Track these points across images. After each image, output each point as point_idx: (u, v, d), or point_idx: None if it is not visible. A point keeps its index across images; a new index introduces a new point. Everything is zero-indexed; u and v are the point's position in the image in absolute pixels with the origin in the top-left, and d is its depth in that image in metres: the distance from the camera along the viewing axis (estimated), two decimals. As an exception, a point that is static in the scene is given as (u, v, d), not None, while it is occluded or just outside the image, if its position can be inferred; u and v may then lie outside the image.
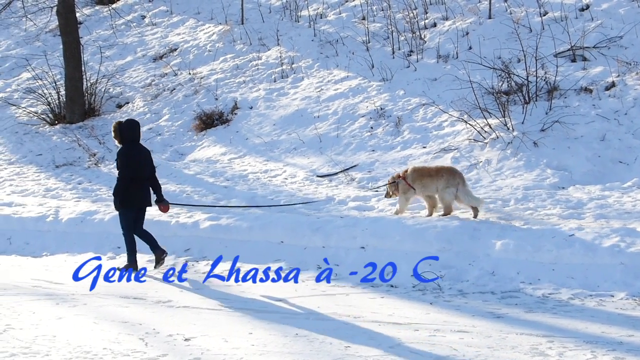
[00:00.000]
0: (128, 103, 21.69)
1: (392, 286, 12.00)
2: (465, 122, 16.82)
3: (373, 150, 17.25)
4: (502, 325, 9.73)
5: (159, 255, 13.56)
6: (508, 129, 16.43)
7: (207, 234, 14.41)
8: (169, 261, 13.71)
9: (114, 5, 27.14)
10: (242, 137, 18.91)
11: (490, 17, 20.26)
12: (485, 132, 16.49)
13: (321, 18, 22.81)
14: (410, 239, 12.95)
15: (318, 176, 16.73)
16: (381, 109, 18.25)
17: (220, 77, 21.34)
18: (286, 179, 16.83)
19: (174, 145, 19.26)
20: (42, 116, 22.00)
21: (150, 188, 13.91)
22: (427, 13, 21.32)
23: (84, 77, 21.86)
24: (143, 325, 9.98)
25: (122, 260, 13.95)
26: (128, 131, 13.69)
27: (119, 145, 13.90)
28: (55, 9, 22.35)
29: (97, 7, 28.03)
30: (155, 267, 13.55)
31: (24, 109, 22.63)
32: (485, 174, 15.48)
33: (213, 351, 8.84)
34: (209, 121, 19.61)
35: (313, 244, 13.59)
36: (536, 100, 17.08)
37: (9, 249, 15.41)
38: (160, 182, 13.98)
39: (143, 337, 9.44)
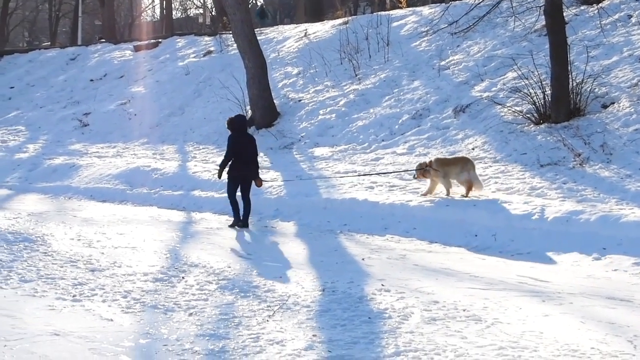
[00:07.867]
0: (613, 103, 21.36)
1: None
2: None
3: None
4: None
5: (236, 223, 18.30)
6: None
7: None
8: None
9: (600, 5, 26.90)
10: None
11: None
12: None
13: None
14: None
15: None
16: None
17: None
18: None
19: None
20: (527, 115, 22.38)
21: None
22: None
23: (570, 76, 21.89)
24: (631, 327, 9.94)
25: (607, 261, 14.00)
26: (236, 123, 18.71)
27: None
28: (542, 9, 22.61)
29: (582, 7, 27.94)
30: (229, 226, 18.47)
31: (509, 108, 23.19)
32: None
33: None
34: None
35: None
36: None
37: (493, 245, 15.95)
38: None
39: (631, 339, 9.42)
